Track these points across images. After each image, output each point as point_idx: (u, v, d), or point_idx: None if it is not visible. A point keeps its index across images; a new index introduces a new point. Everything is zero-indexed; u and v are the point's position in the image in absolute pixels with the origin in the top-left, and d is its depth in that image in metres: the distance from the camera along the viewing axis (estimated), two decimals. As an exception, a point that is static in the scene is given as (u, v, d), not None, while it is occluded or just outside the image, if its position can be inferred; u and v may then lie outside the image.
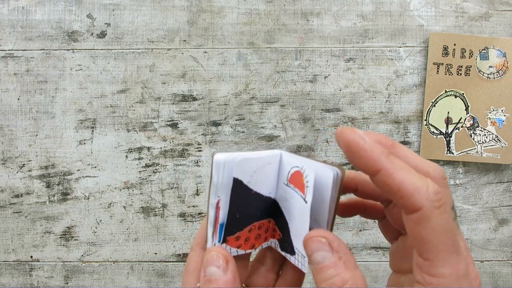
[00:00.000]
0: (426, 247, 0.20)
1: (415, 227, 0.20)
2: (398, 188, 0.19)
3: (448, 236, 0.19)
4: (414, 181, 0.19)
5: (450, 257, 0.20)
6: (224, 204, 0.23)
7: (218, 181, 0.23)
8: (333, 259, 0.21)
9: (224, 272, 0.22)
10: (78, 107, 0.60)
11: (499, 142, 0.59)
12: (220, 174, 0.23)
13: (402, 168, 0.20)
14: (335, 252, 0.21)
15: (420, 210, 0.19)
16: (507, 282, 0.60)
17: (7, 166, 0.60)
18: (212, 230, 0.24)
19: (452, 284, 0.19)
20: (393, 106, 0.60)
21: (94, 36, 0.60)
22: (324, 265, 0.21)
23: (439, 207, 0.19)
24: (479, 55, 0.58)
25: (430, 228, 0.19)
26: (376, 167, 0.20)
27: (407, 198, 0.19)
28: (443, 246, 0.19)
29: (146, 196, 0.60)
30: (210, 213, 0.23)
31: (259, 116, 0.60)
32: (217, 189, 0.23)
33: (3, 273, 0.60)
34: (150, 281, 0.60)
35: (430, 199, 0.19)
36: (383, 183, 0.20)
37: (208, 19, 0.60)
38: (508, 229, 0.60)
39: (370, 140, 0.20)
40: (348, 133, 0.20)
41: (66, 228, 0.60)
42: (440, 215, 0.19)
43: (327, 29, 0.60)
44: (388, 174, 0.20)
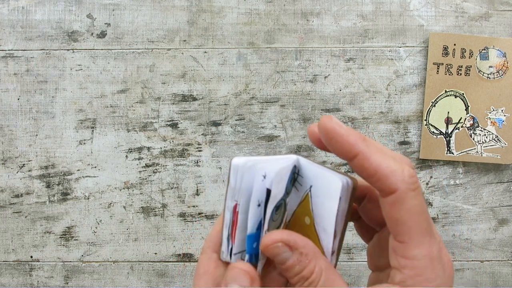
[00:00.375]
0: (401, 229, 0.20)
1: (391, 209, 0.20)
2: (375, 171, 0.20)
3: (422, 217, 0.20)
4: (390, 164, 0.20)
5: (423, 238, 0.20)
6: (243, 209, 0.22)
7: (236, 185, 0.22)
8: (294, 257, 0.21)
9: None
10: (78, 107, 0.60)
11: (499, 142, 0.59)
12: (238, 178, 0.22)
13: (378, 151, 0.21)
14: (294, 250, 0.21)
15: (396, 192, 0.20)
16: (507, 282, 0.60)
17: (7, 166, 0.60)
18: (228, 234, 0.23)
19: (425, 266, 0.20)
20: (393, 106, 0.60)
21: (94, 36, 0.60)
22: (288, 265, 0.22)
23: (414, 189, 0.20)
24: (479, 55, 0.59)
25: (405, 209, 0.20)
26: (354, 151, 0.21)
27: (383, 180, 0.20)
28: (418, 227, 0.20)
29: (146, 196, 0.60)
30: (226, 216, 0.23)
31: (259, 116, 0.60)
32: (234, 193, 0.22)
33: (3, 273, 0.60)
34: (150, 281, 0.60)
35: (405, 182, 0.20)
36: (360, 166, 0.21)
37: (208, 19, 0.60)
38: (508, 229, 0.60)
39: (347, 127, 0.21)
40: (326, 121, 0.21)
41: (66, 228, 0.60)
42: (415, 197, 0.20)
43: (327, 29, 0.60)
44: (365, 157, 0.20)
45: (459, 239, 0.60)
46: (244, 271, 0.22)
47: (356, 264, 0.60)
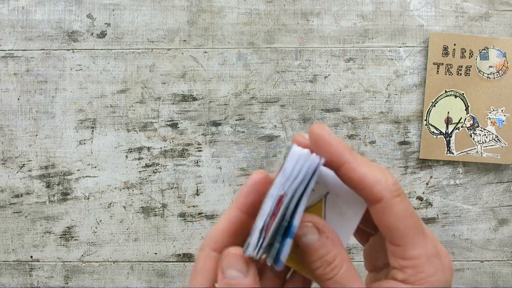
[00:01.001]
0: (395, 234, 0.22)
1: (380, 217, 0.22)
2: (360, 181, 0.21)
3: (412, 219, 0.21)
4: (375, 174, 0.21)
5: (417, 238, 0.21)
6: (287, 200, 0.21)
7: (292, 174, 0.21)
8: (321, 240, 0.22)
9: (245, 275, 0.22)
10: (78, 107, 0.60)
11: (499, 142, 0.59)
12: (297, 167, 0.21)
13: (364, 162, 0.22)
14: (322, 233, 0.22)
15: (382, 200, 0.21)
16: (507, 282, 0.60)
17: (7, 166, 0.60)
18: (263, 225, 0.21)
19: (424, 263, 0.21)
20: (393, 106, 0.60)
21: (94, 36, 0.60)
22: (314, 247, 0.22)
23: (398, 195, 0.21)
24: (479, 55, 0.59)
25: (394, 215, 0.21)
26: (341, 161, 0.22)
27: (369, 189, 0.21)
28: (409, 229, 0.21)
29: (146, 196, 0.60)
30: (268, 204, 0.21)
31: (259, 116, 0.60)
32: (287, 182, 0.21)
33: (3, 273, 0.60)
34: (150, 281, 0.60)
35: (390, 189, 0.21)
36: (346, 176, 0.22)
37: (208, 19, 0.60)
38: (508, 229, 0.60)
39: (336, 136, 0.22)
40: (317, 128, 0.22)
41: (66, 228, 0.60)
42: (401, 202, 0.21)
43: (327, 29, 0.60)
44: (351, 167, 0.21)
45: (459, 239, 0.60)
46: (239, 255, 0.22)
47: (356, 264, 0.60)
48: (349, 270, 0.22)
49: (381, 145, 0.60)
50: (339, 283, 0.22)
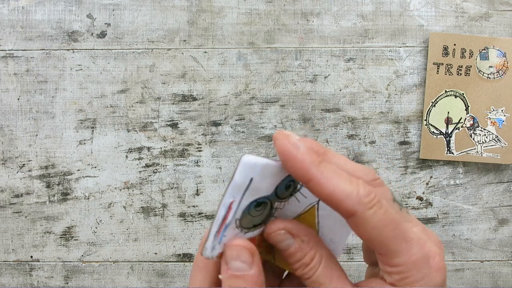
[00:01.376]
0: (375, 245, 0.21)
1: (357, 229, 0.21)
2: (330, 198, 0.20)
3: (390, 228, 0.20)
4: (344, 188, 0.20)
5: (399, 246, 0.21)
6: (235, 205, 0.23)
7: (240, 181, 0.22)
8: (296, 244, 0.22)
9: (250, 266, 0.22)
10: (78, 107, 0.60)
11: (499, 142, 0.59)
12: (243, 174, 0.22)
13: (333, 176, 0.20)
14: (296, 237, 0.22)
15: (355, 214, 0.20)
16: (507, 282, 0.60)
17: (7, 166, 0.60)
18: (217, 230, 0.23)
19: (409, 269, 0.21)
20: (393, 106, 0.60)
21: (94, 36, 0.60)
22: (290, 251, 0.22)
23: (372, 207, 0.20)
24: (479, 55, 0.59)
25: (370, 227, 0.20)
26: (307, 177, 0.20)
27: (339, 205, 0.20)
28: (388, 239, 0.21)
29: (146, 196, 0.60)
30: (220, 212, 0.22)
31: (259, 116, 0.60)
32: (237, 190, 0.22)
33: (3, 273, 0.60)
34: (150, 281, 0.60)
35: (361, 202, 0.20)
36: (315, 192, 0.21)
37: (208, 19, 0.60)
38: (508, 229, 0.60)
39: (303, 148, 0.20)
40: (282, 141, 0.20)
41: (66, 228, 0.60)
42: (375, 214, 0.20)
43: (327, 29, 0.60)
44: (319, 183, 0.20)
45: (459, 239, 0.60)
46: (243, 246, 0.22)
47: (356, 264, 0.60)
48: (327, 269, 0.22)
49: (381, 145, 0.60)
50: (317, 282, 0.22)
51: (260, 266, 0.22)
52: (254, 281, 0.22)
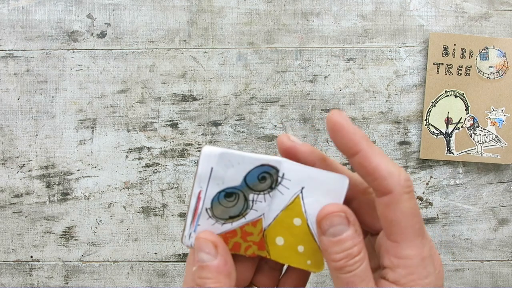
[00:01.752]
0: (395, 229, 0.21)
1: (385, 209, 0.21)
2: (374, 170, 0.21)
3: (416, 219, 0.21)
4: (388, 166, 0.21)
5: (415, 239, 0.21)
6: (203, 194, 0.24)
7: (202, 172, 0.24)
8: (350, 232, 0.22)
9: (214, 257, 0.23)
10: (78, 107, 0.60)
11: (499, 142, 0.59)
12: (204, 164, 0.24)
13: (379, 153, 0.22)
14: (351, 225, 0.22)
15: (391, 193, 0.21)
16: (507, 282, 0.60)
17: (7, 166, 0.60)
18: (191, 219, 0.25)
19: (417, 264, 0.21)
20: (393, 106, 0.60)
21: (94, 36, 0.60)
22: (342, 238, 0.22)
23: (409, 192, 0.21)
24: (479, 55, 0.59)
25: (399, 210, 0.21)
26: (356, 148, 0.21)
27: (380, 181, 0.21)
28: (410, 228, 0.21)
29: (146, 196, 0.60)
30: (191, 203, 0.25)
31: (259, 116, 0.60)
32: (201, 179, 0.24)
33: (3, 273, 0.60)
34: (150, 281, 0.60)
35: (401, 184, 0.21)
36: (360, 164, 0.22)
37: (208, 19, 0.60)
38: (508, 229, 0.60)
39: (354, 125, 0.22)
40: (336, 114, 0.22)
41: (66, 228, 0.60)
42: (409, 200, 0.21)
43: (327, 29, 0.60)
44: (366, 156, 0.21)
45: (459, 239, 0.60)
46: (207, 239, 0.24)
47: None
48: (367, 266, 0.22)
49: (381, 145, 0.60)
50: (359, 277, 0.22)
51: (226, 257, 0.23)
52: (219, 271, 0.23)
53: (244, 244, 0.26)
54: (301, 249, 0.25)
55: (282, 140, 0.25)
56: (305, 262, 0.25)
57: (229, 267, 0.23)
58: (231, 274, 0.23)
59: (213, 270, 0.23)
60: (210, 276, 0.23)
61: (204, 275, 0.23)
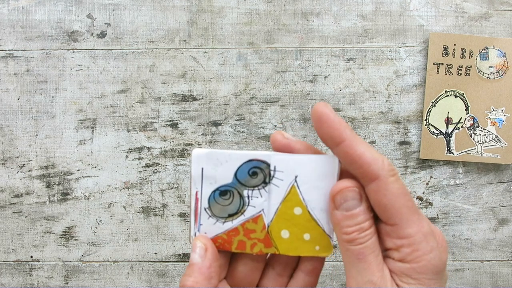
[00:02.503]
0: (390, 213, 0.22)
1: (376, 195, 0.22)
2: (359, 158, 0.22)
3: (406, 198, 0.22)
4: (372, 153, 0.22)
5: (412, 217, 0.22)
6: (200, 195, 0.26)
7: (195, 173, 0.25)
8: (362, 207, 0.23)
9: (201, 259, 0.25)
10: (78, 107, 0.60)
11: (499, 142, 0.59)
12: (195, 166, 0.25)
13: (363, 142, 0.23)
14: (364, 201, 0.23)
15: (378, 178, 0.22)
16: (507, 282, 0.60)
17: (7, 166, 0.60)
18: (194, 220, 0.26)
19: (420, 241, 0.22)
20: (393, 106, 0.60)
21: (94, 36, 0.60)
22: (354, 212, 0.23)
23: (394, 175, 0.22)
24: (479, 55, 0.59)
25: (390, 193, 0.22)
26: (341, 138, 0.22)
27: (366, 167, 0.22)
28: (404, 208, 0.22)
29: (146, 196, 0.60)
30: (192, 204, 0.26)
31: (259, 116, 0.60)
32: (195, 181, 0.25)
33: (3, 273, 0.60)
34: (150, 281, 0.60)
35: (385, 169, 0.22)
36: (345, 152, 0.22)
37: (208, 19, 0.60)
38: (508, 229, 0.60)
39: (339, 116, 0.23)
40: (321, 105, 0.23)
41: (66, 228, 0.60)
42: (396, 181, 0.22)
43: (327, 29, 0.60)
44: (351, 145, 0.22)
45: (459, 239, 0.60)
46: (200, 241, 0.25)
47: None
48: (376, 241, 0.23)
49: (381, 145, 0.60)
50: (370, 248, 0.23)
51: (212, 262, 0.25)
52: (201, 272, 0.24)
53: (249, 242, 0.26)
54: (308, 237, 0.26)
55: (276, 138, 0.25)
56: (314, 248, 0.26)
57: (212, 271, 0.25)
58: (212, 279, 0.25)
59: (196, 270, 0.24)
60: (191, 275, 0.24)
61: (187, 273, 0.25)
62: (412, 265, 0.22)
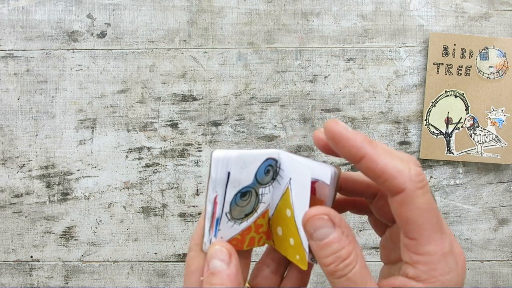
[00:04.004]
0: (412, 227, 0.21)
1: (400, 208, 0.21)
2: (382, 172, 0.20)
3: (432, 214, 0.20)
4: (396, 164, 0.20)
5: (434, 235, 0.20)
6: (220, 199, 0.24)
7: (217, 176, 0.23)
8: (336, 234, 0.21)
9: (227, 265, 0.23)
10: (78, 107, 0.60)
11: (499, 142, 0.59)
12: (218, 170, 0.23)
13: (384, 153, 0.21)
14: (337, 227, 0.21)
15: (404, 191, 0.20)
16: (507, 282, 0.60)
17: (7, 166, 0.60)
18: (209, 225, 0.24)
19: (438, 260, 0.20)
20: (393, 106, 0.60)
21: (94, 36, 0.60)
22: (328, 241, 0.21)
23: (422, 187, 0.20)
24: (479, 55, 0.59)
25: (414, 208, 0.20)
26: (360, 154, 0.21)
27: (390, 180, 0.20)
28: (428, 224, 0.20)
29: (146, 196, 0.60)
30: (208, 208, 0.24)
31: (259, 116, 0.60)
32: (215, 184, 0.23)
33: (3, 273, 0.60)
34: (150, 281, 0.60)
35: (412, 180, 0.20)
36: (367, 168, 0.21)
37: (208, 19, 0.60)
38: (508, 229, 0.60)
39: (352, 130, 0.21)
40: (332, 125, 0.21)
41: (66, 228, 0.60)
42: (423, 195, 0.20)
43: (327, 29, 0.60)
44: (372, 159, 0.21)
45: (459, 239, 0.60)
46: (222, 247, 0.23)
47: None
48: (363, 268, 0.21)
49: (381, 145, 0.60)
50: (353, 281, 0.21)
51: (238, 266, 0.23)
52: (231, 279, 0.22)
53: (257, 237, 0.26)
54: (292, 242, 0.25)
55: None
56: (295, 256, 0.25)
57: (240, 277, 0.23)
58: (241, 284, 0.23)
59: (225, 278, 0.22)
60: (221, 283, 0.22)
61: (215, 282, 0.22)
62: (427, 284, 0.20)
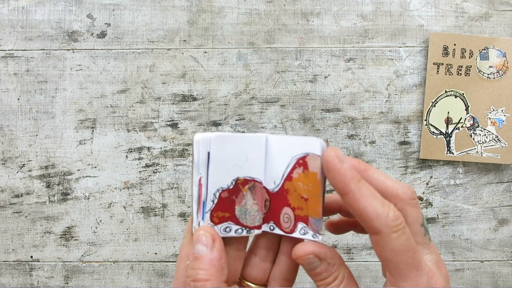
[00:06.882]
0: (388, 265, 0.23)
1: (377, 247, 0.23)
2: (361, 213, 0.22)
3: (407, 255, 0.22)
4: (376, 208, 0.22)
5: (409, 273, 0.22)
6: (204, 181, 0.25)
7: (199, 158, 0.24)
8: (323, 266, 0.24)
9: (210, 250, 0.24)
10: (78, 107, 0.60)
11: (499, 142, 0.59)
12: (200, 151, 0.24)
13: (368, 195, 0.22)
14: (323, 260, 0.24)
15: (380, 233, 0.22)
16: (507, 282, 0.60)
17: (7, 166, 0.60)
18: (197, 208, 0.25)
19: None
20: (393, 106, 0.60)
21: (94, 36, 0.60)
22: (317, 272, 0.25)
23: (397, 231, 0.22)
24: (479, 55, 0.59)
25: (389, 249, 0.22)
26: (345, 190, 0.23)
27: (368, 222, 0.22)
28: (402, 264, 0.22)
29: (146, 196, 0.60)
30: (194, 191, 0.25)
31: (259, 116, 0.60)
32: (198, 166, 0.24)
33: (3, 273, 0.60)
34: (150, 281, 0.60)
35: (388, 225, 0.22)
36: (349, 205, 0.23)
37: (208, 19, 0.60)
38: (508, 229, 0.60)
39: (347, 164, 0.23)
40: (330, 154, 0.23)
41: (66, 228, 0.60)
42: (397, 238, 0.22)
43: (327, 29, 0.60)
44: (354, 198, 0.22)
45: (459, 239, 0.60)
46: (206, 232, 0.24)
47: (356, 264, 0.60)
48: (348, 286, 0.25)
49: (381, 145, 0.60)
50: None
51: (221, 251, 0.24)
52: (212, 264, 0.23)
53: None
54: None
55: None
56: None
57: (223, 262, 0.24)
58: (224, 270, 0.24)
59: (207, 263, 0.23)
60: (203, 268, 0.23)
61: (197, 266, 0.23)
62: None
